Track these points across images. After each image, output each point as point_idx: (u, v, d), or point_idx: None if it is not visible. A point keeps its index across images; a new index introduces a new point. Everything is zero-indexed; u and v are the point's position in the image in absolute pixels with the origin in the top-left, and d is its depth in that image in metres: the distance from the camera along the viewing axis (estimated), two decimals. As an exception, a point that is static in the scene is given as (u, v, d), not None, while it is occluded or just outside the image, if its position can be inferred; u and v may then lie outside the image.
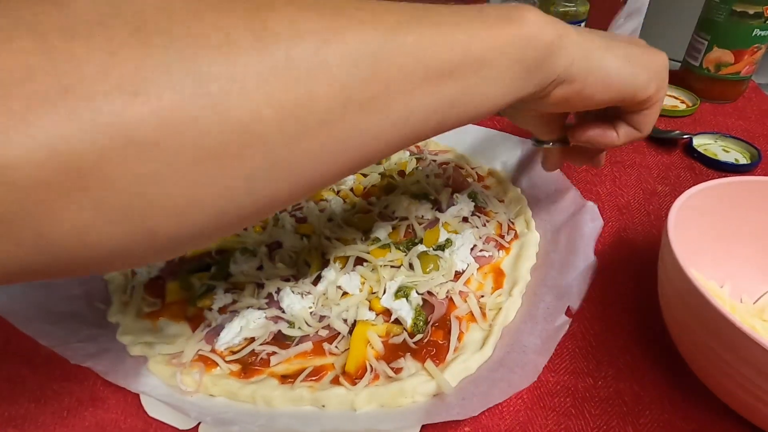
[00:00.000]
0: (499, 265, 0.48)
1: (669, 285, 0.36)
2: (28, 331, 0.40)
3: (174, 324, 0.42)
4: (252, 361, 0.38)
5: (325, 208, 0.52)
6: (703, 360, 0.34)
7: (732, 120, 0.73)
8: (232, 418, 0.35)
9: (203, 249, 0.46)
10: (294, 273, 0.45)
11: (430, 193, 0.54)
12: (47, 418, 0.35)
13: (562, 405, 0.36)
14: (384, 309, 0.42)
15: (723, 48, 0.73)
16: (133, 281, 0.45)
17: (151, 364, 0.38)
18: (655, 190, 0.58)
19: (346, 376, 0.37)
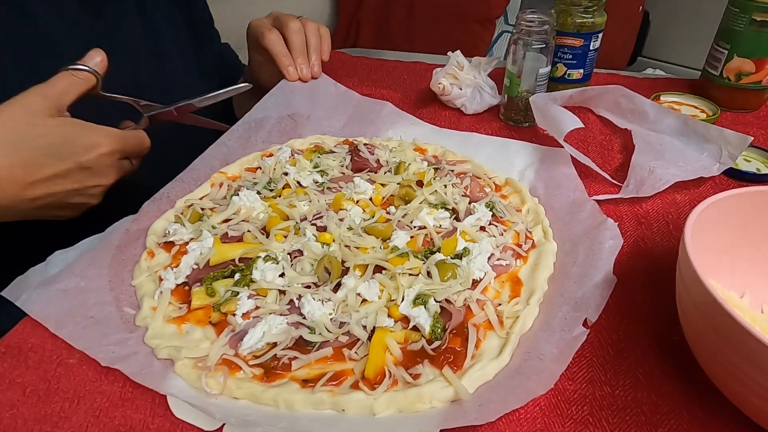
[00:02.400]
0: (516, 274, 0.48)
1: (687, 295, 0.36)
2: (62, 335, 0.42)
3: (199, 329, 0.43)
4: (274, 366, 0.40)
5: (345, 217, 0.53)
6: (722, 370, 0.34)
7: (753, 129, 0.72)
8: (255, 420, 0.36)
9: (228, 257, 0.48)
10: (315, 280, 0.46)
11: (448, 203, 0.54)
12: (80, 417, 0.37)
13: (579, 413, 0.36)
14: (402, 316, 0.43)
15: (743, 57, 0.72)
16: (160, 287, 0.46)
17: (178, 367, 0.39)
18: (674, 199, 0.58)
19: (366, 381, 0.38)
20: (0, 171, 0.45)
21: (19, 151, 0.46)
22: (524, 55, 0.69)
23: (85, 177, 0.51)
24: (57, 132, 0.48)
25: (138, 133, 0.58)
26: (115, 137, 0.53)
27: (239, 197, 0.55)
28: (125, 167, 0.56)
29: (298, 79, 0.74)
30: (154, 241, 0.52)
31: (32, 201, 0.48)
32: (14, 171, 0.46)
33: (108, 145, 0.51)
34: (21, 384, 0.39)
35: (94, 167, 0.51)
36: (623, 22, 1.58)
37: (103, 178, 0.53)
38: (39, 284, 0.46)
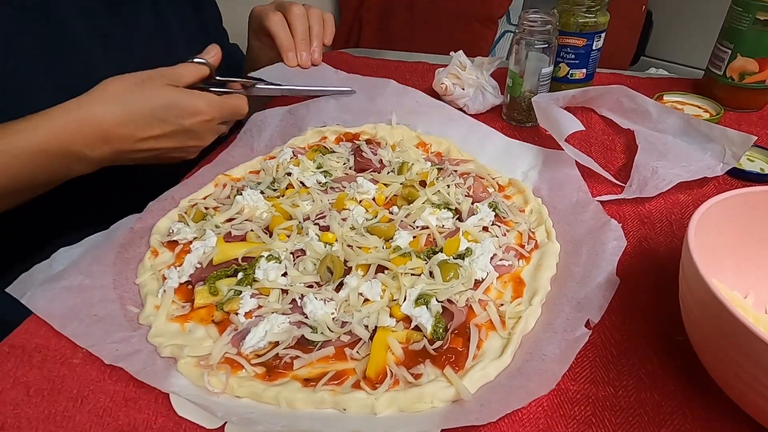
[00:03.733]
0: (519, 274, 0.48)
1: (690, 295, 0.36)
2: (66, 332, 0.42)
3: (202, 327, 0.43)
4: (276, 365, 0.40)
5: (348, 217, 0.53)
6: (725, 370, 0.34)
7: (756, 129, 0.72)
8: (256, 418, 0.36)
9: (231, 256, 0.48)
10: (317, 280, 0.46)
11: (451, 203, 0.54)
12: (84, 417, 0.37)
13: (582, 413, 0.36)
14: (404, 316, 0.43)
15: (747, 56, 0.72)
16: (163, 286, 0.46)
17: (180, 365, 0.40)
18: (677, 199, 0.58)
19: (367, 381, 0.38)
20: (114, 127, 0.51)
21: (131, 111, 0.52)
22: (527, 54, 0.69)
23: (186, 138, 0.57)
24: (165, 97, 0.54)
25: (236, 98, 0.63)
26: (215, 105, 0.59)
27: (243, 197, 0.55)
28: (221, 130, 0.63)
29: (297, 65, 0.74)
30: (157, 239, 0.52)
31: (139, 153, 0.55)
32: (126, 128, 0.52)
33: (208, 112, 0.57)
34: (25, 383, 0.39)
35: (195, 130, 0.57)
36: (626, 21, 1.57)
37: (201, 140, 0.60)
38: (43, 281, 0.46)
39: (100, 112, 0.50)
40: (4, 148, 0.47)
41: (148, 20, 0.69)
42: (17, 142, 0.47)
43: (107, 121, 0.50)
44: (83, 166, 0.53)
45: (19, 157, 0.47)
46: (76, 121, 0.49)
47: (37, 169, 0.49)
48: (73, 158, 0.50)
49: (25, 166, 0.48)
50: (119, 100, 0.51)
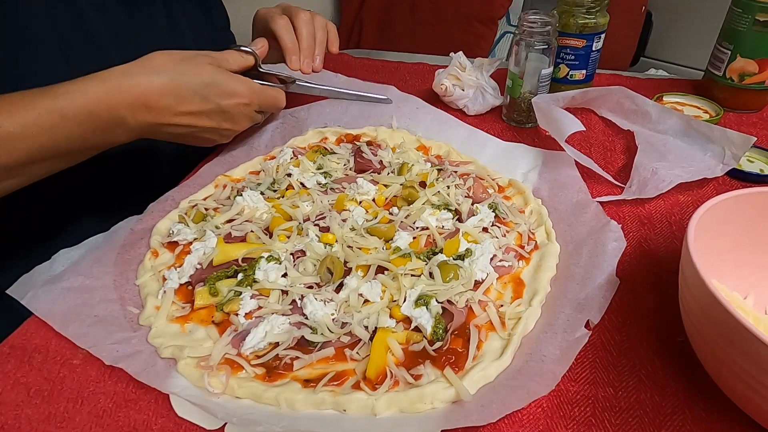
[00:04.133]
0: (519, 275, 0.48)
1: (690, 296, 0.36)
2: (67, 333, 0.42)
3: (202, 328, 0.44)
4: (276, 365, 0.40)
5: (348, 217, 0.53)
6: (725, 371, 0.34)
7: (756, 130, 0.72)
8: (256, 419, 0.36)
9: (231, 257, 0.48)
10: (317, 280, 0.46)
11: (451, 204, 0.54)
12: (84, 418, 0.37)
13: (582, 414, 0.36)
14: (404, 317, 0.43)
15: (747, 57, 0.72)
16: (164, 287, 0.46)
17: (180, 366, 0.40)
18: (677, 200, 0.58)
19: (367, 382, 0.38)
20: (157, 97, 0.52)
21: (175, 84, 0.53)
22: (527, 55, 0.69)
23: (222, 119, 0.58)
24: (209, 75, 0.55)
25: (276, 91, 0.64)
26: (254, 91, 0.60)
27: (243, 198, 0.55)
28: (257, 118, 0.63)
29: (298, 69, 0.74)
30: (158, 240, 0.52)
31: (176, 127, 0.55)
32: (168, 99, 0.52)
33: (247, 96, 0.59)
34: (25, 384, 0.39)
35: (232, 112, 0.58)
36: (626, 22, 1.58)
37: (237, 124, 0.60)
38: (44, 282, 0.46)
39: (146, 81, 0.51)
40: (55, 107, 0.46)
41: (160, 21, 0.70)
42: (67, 101, 0.47)
43: (152, 90, 0.51)
44: (123, 134, 0.52)
45: (69, 118, 0.47)
46: (123, 87, 0.50)
47: (85, 131, 0.49)
48: (117, 123, 0.50)
49: (75, 127, 0.48)
50: (165, 72, 0.52)
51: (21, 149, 0.45)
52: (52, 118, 0.46)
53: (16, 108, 0.45)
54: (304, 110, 0.73)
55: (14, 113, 0.45)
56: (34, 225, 0.61)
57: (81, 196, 0.62)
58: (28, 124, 0.45)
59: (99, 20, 0.61)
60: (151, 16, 0.69)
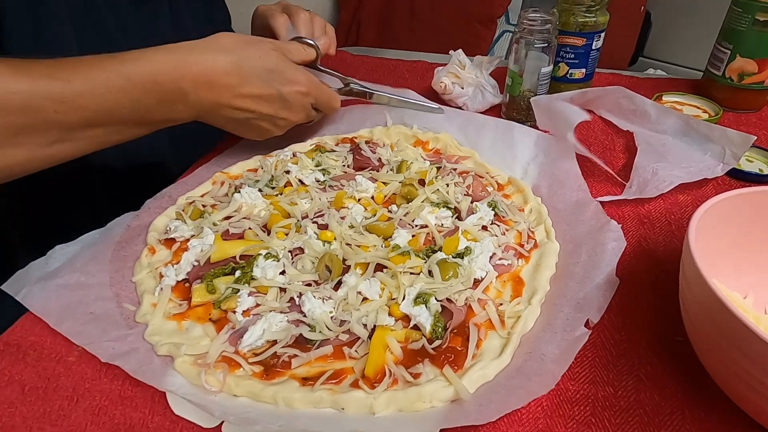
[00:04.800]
0: (518, 274, 0.48)
1: (690, 295, 0.35)
2: (62, 330, 0.42)
3: (199, 325, 0.43)
4: (274, 363, 0.39)
5: (347, 215, 0.53)
6: (725, 370, 0.34)
7: (755, 130, 0.72)
8: (254, 417, 0.36)
9: (229, 254, 0.48)
10: (315, 278, 0.46)
11: (450, 202, 0.54)
12: (80, 415, 0.37)
13: (582, 413, 0.36)
14: (403, 315, 0.42)
15: (746, 57, 0.72)
16: (160, 284, 0.46)
17: (177, 364, 0.39)
18: (676, 200, 0.58)
19: (366, 380, 0.38)
20: (221, 75, 0.52)
21: (239, 64, 0.52)
22: (526, 54, 0.69)
23: (280, 107, 0.58)
24: (272, 60, 0.55)
25: (332, 91, 0.64)
26: (314, 83, 0.60)
27: (241, 194, 0.55)
28: (311, 115, 0.63)
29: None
30: (155, 237, 0.52)
31: (234, 110, 0.55)
32: (231, 79, 0.52)
33: (306, 86, 0.59)
34: (20, 382, 0.39)
35: (290, 101, 0.58)
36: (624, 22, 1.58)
37: (293, 114, 0.60)
38: (39, 279, 0.46)
39: (211, 58, 0.51)
40: (123, 70, 0.46)
41: (165, 18, 0.70)
42: (134, 67, 0.47)
43: (216, 67, 0.51)
44: (183, 111, 0.52)
45: (135, 83, 0.47)
46: (189, 60, 0.50)
47: (148, 99, 0.48)
48: (179, 96, 0.50)
49: (139, 94, 0.47)
50: (230, 52, 0.52)
51: (86, 109, 0.45)
52: (119, 81, 0.46)
53: (84, 67, 0.45)
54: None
55: (82, 72, 0.45)
56: (29, 221, 0.61)
57: (77, 192, 0.61)
58: (96, 84, 0.45)
59: (109, 13, 0.61)
60: (157, 12, 0.69)
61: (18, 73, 0.42)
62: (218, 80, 0.51)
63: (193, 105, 0.52)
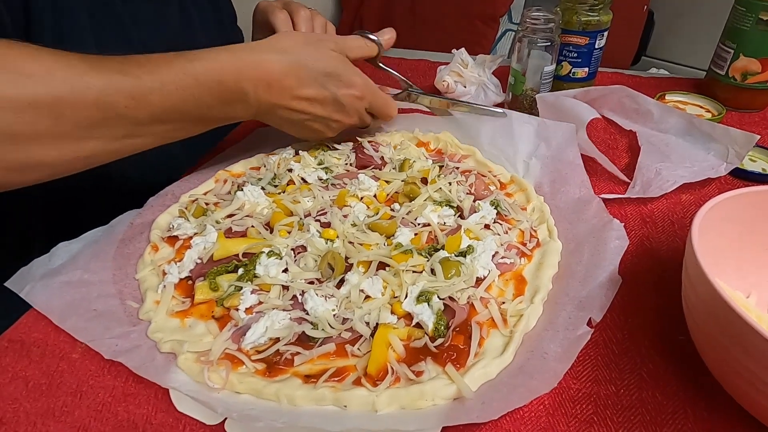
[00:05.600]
0: (520, 273, 0.48)
1: (693, 294, 0.35)
2: (65, 327, 0.42)
3: (202, 323, 0.43)
4: (276, 361, 0.40)
5: (349, 213, 0.53)
6: (728, 369, 0.34)
7: (759, 129, 0.72)
8: (257, 414, 0.36)
9: (232, 252, 0.48)
10: (318, 276, 0.46)
11: (453, 201, 0.54)
12: (83, 412, 0.37)
13: (584, 412, 0.36)
14: (405, 313, 0.42)
15: (750, 57, 0.72)
16: (163, 281, 0.46)
17: (180, 361, 0.39)
18: (679, 199, 0.58)
19: (368, 378, 0.38)
20: (279, 76, 0.52)
21: (297, 66, 0.53)
22: (529, 52, 0.69)
23: (334, 109, 0.57)
24: (331, 63, 0.55)
25: (389, 97, 0.62)
26: (370, 87, 0.59)
27: (243, 193, 0.55)
28: (365, 119, 0.62)
29: None
30: (158, 235, 0.52)
31: (290, 111, 0.55)
32: (289, 81, 0.53)
33: (361, 90, 0.58)
34: (24, 378, 0.39)
35: (344, 104, 0.57)
36: (627, 21, 1.57)
37: (347, 117, 0.59)
38: (43, 276, 0.46)
39: (271, 59, 0.52)
40: (190, 70, 0.47)
41: (174, 12, 0.71)
42: (201, 66, 0.48)
43: (276, 69, 0.52)
44: (242, 111, 0.53)
45: (201, 82, 0.48)
46: (251, 61, 0.51)
47: (212, 98, 0.50)
48: (240, 96, 0.51)
49: (204, 93, 0.49)
50: (290, 53, 0.53)
51: (154, 105, 0.46)
52: (186, 80, 0.47)
53: (153, 65, 0.46)
54: None
55: (153, 70, 0.46)
56: (33, 218, 0.61)
57: (80, 190, 0.61)
58: (165, 82, 0.46)
59: (123, 6, 0.62)
60: (166, 7, 0.70)
61: (94, 68, 0.43)
62: (277, 82, 0.52)
63: (252, 104, 0.53)
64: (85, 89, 0.42)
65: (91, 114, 0.43)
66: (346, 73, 0.56)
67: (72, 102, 0.41)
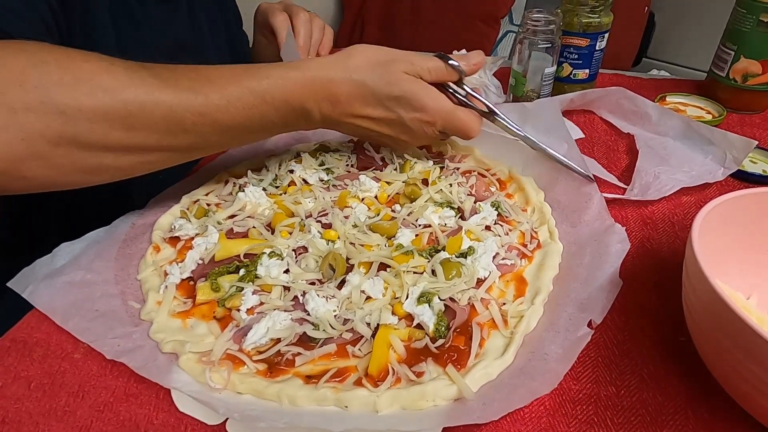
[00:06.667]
0: (521, 274, 0.48)
1: (694, 295, 0.36)
2: (68, 328, 0.42)
3: (204, 323, 0.43)
4: (278, 361, 0.40)
5: (350, 214, 0.53)
6: (728, 371, 0.34)
7: (759, 131, 0.72)
8: (258, 415, 0.36)
9: (233, 252, 0.48)
10: (319, 277, 0.46)
11: (454, 202, 0.54)
12: (85, 412, 0.37)
13: (584, 413, 0.36)
14: (406, 314, 0.43)
15: (750, 58, 0.72)
16: (165, 282, 0.46)
17: (182, 361, 0.39)
18: (679, 201, 0.58)
19: (369, 379, 0.38)
20: (345, 96, 0.51)
21: (364, 88, 0.52)
22: (530, 54, 0.69)
23: (401, 131, 0.55)
24: (399, 89, 0.52)
25: (470, 115, 0.56)
26: (443, 112, 0.54)
27: (245, 193, 0.55)
28: (437, 138, 0.58)
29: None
30: (159, 236, 0.52)
31: (354, 127, 0.55)
32: (354, 100, 0.52)
33: (432, 115, 0.54)
34: (26, 378, 0.39)
35: (412, 128, 0.55)
36: (628, 23, 1.58)
37: (414, 139, 0.57)
38: (45, 276, 0.46)
39: (339, 78, 0.51)
40: (258, 89, 0.48)
41: (183, 15, 0.72)
42: (269, 86, 0.48)
43: (340, 88, 0.51)
44: (305, 125, 0.54)
45: (267, 102, 0.48)
46: (318, 80, 0.50)
47: (278, 116, 0.50)
48: (304, 114, 0.51)
49: (270, 112, 0.49)
50: (359, 73, 0.51)
51: (220, 122, 0.47)
52: (252, 99, 0.48)
53: (225, 83, 0.47)
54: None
55: (222, 88, 0.46)
56: (35, 219, 0.61)
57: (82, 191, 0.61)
58: (231, 100, 0.47)
59: (138, 6, 0.63)
60: (176, 10, 0.71)
61: (165, 84, 0.44)
62: (341, 100, 0.52)
63: (316, 120, 0.53)
64: (155, 106, 0.43)
65: (159, 128, 0.44)
66: (415, 97, 0.53)
67: (142, 117, 0.43)
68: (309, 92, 0.50)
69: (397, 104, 0.53)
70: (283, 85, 0.49)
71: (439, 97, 0.54)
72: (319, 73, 0.50)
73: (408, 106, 0.53)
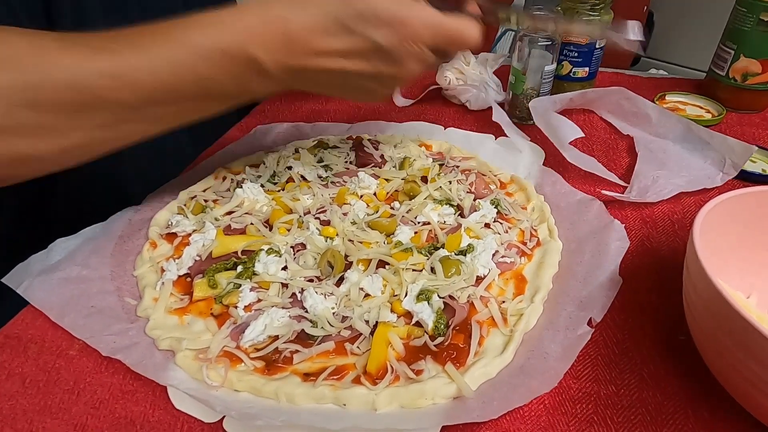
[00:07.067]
0: (521, 272, 0.48)
1: (695, 294, 0.35)
2: (63, 324, 0.42)
3: (201, 320, 0.43)
4: (275, 359, 0.39)
5: (349, 211, 0.53)
6: (728, 369, 0.34)
7: (759, 130, 0.72)
8: (256, 412, 0.36)
9: (231, 249, 0.48)
10: (317, 274, 0.46)
11: (453, 199, 0.54)
12: (80, 409, 0.37)
13: (584, 411, 0.36)
14: (405, 311, 0.42)
15: (750, 57, 0.72)
16: (162, 278, 0.46)
17: (179, 359, 0.39)
18: (679, 200, 0.58)
19: (367, 376, 0.38)
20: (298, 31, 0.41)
21: (320, 15, 0.41)
22: (530, 52, 0.69)
23: (380, 61, 0.43)
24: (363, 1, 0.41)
25: (460, 23, 0.44)
26: (428, 21, 0.43)
27: (243, 190, 0.54)
28: (429, 60, 0.45)
29: None
30: (156, 231, 0.51)
31: (325, 74, 0.43)
32: (307, 34, 0.41)
33: (412, 28, 0.42)
34: (20, 375, 0.39)
35: (392, 51, 0.42)
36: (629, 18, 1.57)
37: (400, 67, 0.44)
38: (40, 272, 0.45)
39: (288, 13, 0.41)
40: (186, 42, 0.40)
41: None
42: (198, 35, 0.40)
43: (293, 23, 0.41)
44: (262, 83, 0.43)
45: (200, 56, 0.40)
46: (261, 21, 0.41)
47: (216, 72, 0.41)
48: (252, 66, 0.41)
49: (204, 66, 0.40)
50: (311, 4, 0.41)
51: (143, 86, 0.39)
52: (179, 53, 0.40)
53: (141, 38, 0.40)
54: (308, 127, 0.73)
55: (139, 43, 0.39)
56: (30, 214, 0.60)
57: (78, 186, 0.61)
58: (152, 57, 0.39)
59: None
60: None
61: (66, 48, 0.37)
62: (296, 37, 0.41)
63: (273, 74, 0.42)
64: (55, 72, 0.37)
65: (67, 100, 0.38)
66: (386, 10, 0.41)
67: (44, 88, 0.37)
68: (253, 36, 0.41)
69: (365, 24, 0.41)
70: (214, 32, 0.40)
71: (419, 6, 0.43)
72: (262, 11, 0.41)
73: (378, 21, 0.41)
